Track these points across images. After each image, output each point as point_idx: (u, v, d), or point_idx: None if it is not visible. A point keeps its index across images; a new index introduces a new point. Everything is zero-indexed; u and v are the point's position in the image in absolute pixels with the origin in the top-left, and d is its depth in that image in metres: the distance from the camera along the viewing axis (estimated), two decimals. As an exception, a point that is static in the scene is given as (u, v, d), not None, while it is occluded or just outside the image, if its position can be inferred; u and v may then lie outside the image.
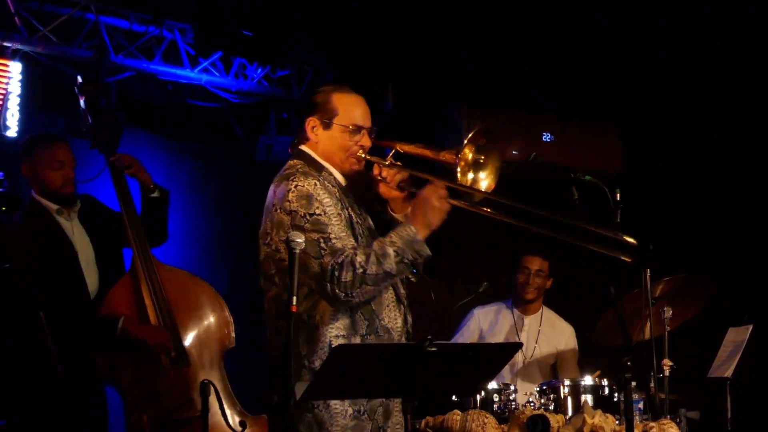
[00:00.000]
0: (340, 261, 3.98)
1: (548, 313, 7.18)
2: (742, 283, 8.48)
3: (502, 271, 7.29)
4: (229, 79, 7.94)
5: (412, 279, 4.45)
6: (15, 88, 7.00)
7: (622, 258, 4.11)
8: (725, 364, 6.37)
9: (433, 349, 3.64)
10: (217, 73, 7.89)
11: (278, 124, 8.07)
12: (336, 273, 3.97)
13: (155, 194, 5.90)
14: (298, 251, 3.72)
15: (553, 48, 8.28)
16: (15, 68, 7.03)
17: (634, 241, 4.09)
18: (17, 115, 6.99)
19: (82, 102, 5.84)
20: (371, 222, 4.39)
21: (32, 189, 5.70)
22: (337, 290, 3.98)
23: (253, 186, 8.21)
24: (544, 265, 7.03)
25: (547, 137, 8.73)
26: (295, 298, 3.69)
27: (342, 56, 8.13)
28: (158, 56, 7.63)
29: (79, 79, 5.89)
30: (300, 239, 3.74)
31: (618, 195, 5.00)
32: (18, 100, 7.01)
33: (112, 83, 7.42)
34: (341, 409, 4.06)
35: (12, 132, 6.96)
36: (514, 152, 8.27)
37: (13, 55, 7.05)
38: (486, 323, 7.11)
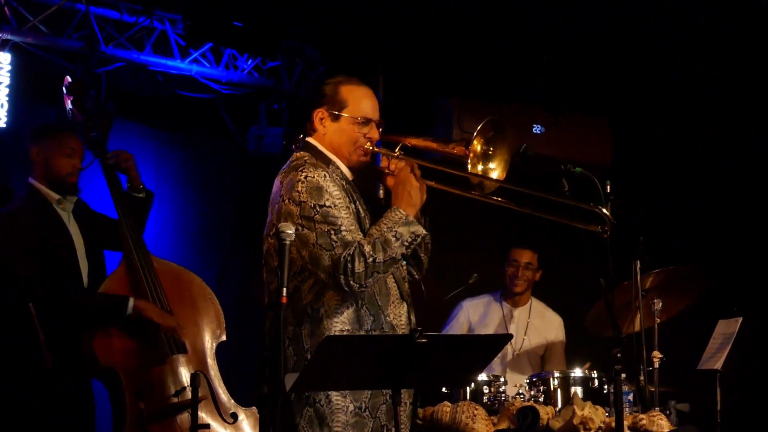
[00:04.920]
0: (351, 252, 3.97)
1: (537, 305, 7.18)
2: (732, 276, 8.49)
3: (492, 263, 7.29)
4: (220, 70, 7.93)
5: (417, 276, 4.46)
6: (4, 78, 6.99)
7: (600, 230, 4.17)
8: (715, 357, 6.38)
9: (423, 340, 3.64)
10: (207, 64, 7.88)
11: (268, 116, 8.06)
12: (349, 265, 3.96)
13: (141, 195, 5.90)
14: (287, 242, 3.71)
15: (544, 40, 8.27)
16: (4, 59, 7.01)
17: (609, 213, 4.16)
18: (6, 106, 6.97)
19: (69, 102, 5.84)
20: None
21: (32, 176, 5.71)
22: (351, 282, 3.97)
23: (243, 177, 8.25)
24: (533, 258, 7.03)
25: (537, 129, 8.73)
26: (285, 289, 3.68)
27: (333, 47, 8.11)
28: (148, 47, 7.61)
29: (68, 79, 5.89)
30: (290, 230, 3.73)
31: (609, 187, 4.99)
32: (7, 90, 6.99)
33: (102, 74, 7.40)
34: (343, 405, 4.05)
35: (1, 123, 6.95)
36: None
37: (2, 45, 7.03)
38: (475, 316, 7.11)
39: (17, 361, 5.43)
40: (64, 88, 5.88)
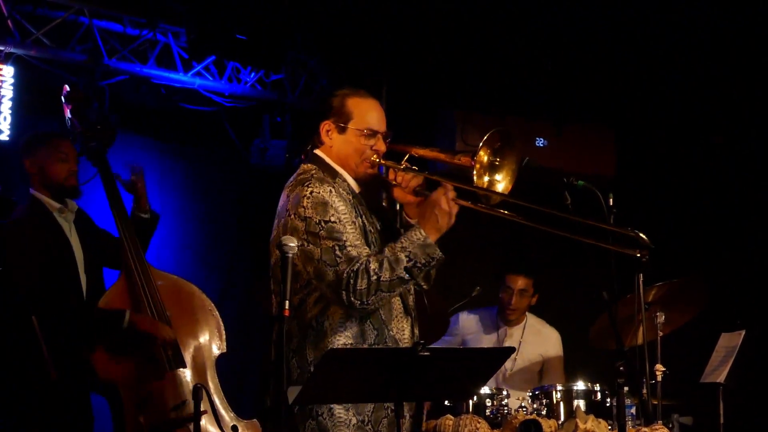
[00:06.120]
0: (355, 269, 3.96)
1: (533, 321, 7.15)
2: (735, 289, 8.48)
3: (495, 276, 7.26)
4: (223, 83, 7.94)
5: (425, 287, 4.44)
6: (7, 91, 7.00)
7: (637, 255, 4.15)
8: (718, 370, 6.37)
9: (426, 353, 3.64)
10: (210, 77, 7.89)
11: (272, 128, 8.06)
12: (351, 281, 3.95)
13: (146, 215, 5.90)
14: (290, 255, 3.71)
15: (547, 52, 8.28)
16: (7, 72, 7.03)
17: (646, 237, 4.14)
18: (9, 119, 6.99)
19: (68, 111, 5.84)
20: (380, 228, 4.35)
21: (32, 187, 5.71)
22: (352, 298, 3.96)
23: (246, 190, 8.25)
24: (527, 284, 6.97)
25: (540, 142, 8.73)
26: (287, 302, 3.68)
27: (336, 60, 8.13)
28: (152, 60, 7.63)
29: (66, 88, 5.89)
30: (293, 243, 3.73)
31: (611, 200, 4.99)
32: (10, 103, 7.01)
33: (105, 87, 7.41)
34: (345, 418, 4.03)
35: (4, 136, 6.97)
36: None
37: (6, 58, 7.05)
38: (470, 330, 7.07)
39: (20, 372, 5.43)
40: (62, 97, 5.88)
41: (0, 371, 5.46)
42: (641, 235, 4.18)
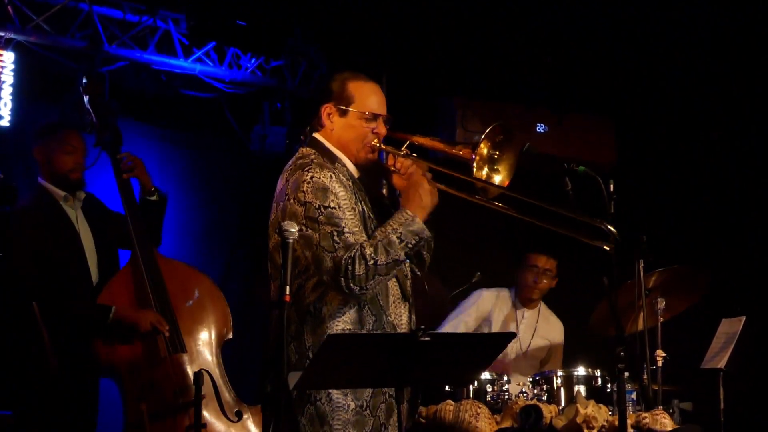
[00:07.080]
0: (352, 255, 3.96)
1: (544, 309, 7.16)
2: (735, 275, 8.49)
3: (495, 261, 7.27)
4: (223, 69, 7.93)
5: (419, 273, 4.45)
6: (8, 77, 6.99)
7: (604, 247, 4.16)
8: (718, 356, 6.38)
9: (426, 338, 3.64)
10: (210, 63, 7.88)
11: (272, 115, 8.06)
12: (350, 267, 3.94)
13: (153, 197, 5.95)
14: (290, 240, 3.71)
15: (547, 40, 8.27)
16: (8, 58, 7.02)
17: (614, 230, 4.15)
18: (10, 105, 6.98)
19: (86, 101, 5.90)
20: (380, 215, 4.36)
21: (40, 175, 5.77)
22: (352, 284, 3.95)
23: (246, 176, 8.24)
24: (551, 264, 6.96)
25: (541, 128, 8.73)
26: (288, 287, 3.68)
27: (336, 47, 8.11)
28: (152, 46, 7.62)
29: (84, 79, 5.94)
30: (293, 228, 3.73)
31: (612, 186, 4.99)
32: (11, 89, 7.00)
33: (106, 73, 7.41)
34: (344, 403, 4.04)
35: (5, 122, 6.96)
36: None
37: (6, 44, 7.05)
38: (491, 307, 7.01)
39: (21, 362, 5.46)
40: (80, 88, 5.94)
41: (1, 359, 5.49)
42: (610, 227, 4.18)
